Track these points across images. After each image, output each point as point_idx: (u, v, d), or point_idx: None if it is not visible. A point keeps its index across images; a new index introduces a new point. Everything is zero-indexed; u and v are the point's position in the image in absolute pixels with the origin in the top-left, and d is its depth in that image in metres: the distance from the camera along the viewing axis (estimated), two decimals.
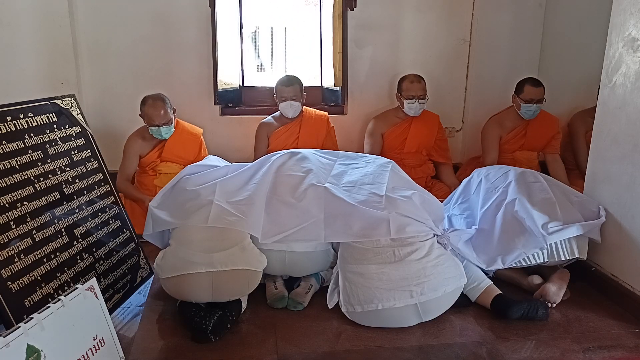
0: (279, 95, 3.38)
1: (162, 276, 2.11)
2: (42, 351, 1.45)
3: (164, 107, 3.09)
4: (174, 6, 3.53)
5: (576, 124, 3.74)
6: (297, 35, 5.09)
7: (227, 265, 2.03)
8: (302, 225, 2.17)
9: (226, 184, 2.25)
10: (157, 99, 3.10)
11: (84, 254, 2.07)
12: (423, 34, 3.83)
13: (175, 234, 2.15)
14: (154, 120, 3.08)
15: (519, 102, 3.44)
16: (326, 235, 2.15)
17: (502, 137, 3.56)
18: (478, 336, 2.05)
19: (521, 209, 2.33)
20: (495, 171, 2.64)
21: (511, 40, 3.85)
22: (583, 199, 2.48)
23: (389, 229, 2.07)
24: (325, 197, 2.20)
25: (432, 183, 3.60)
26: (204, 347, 1.94)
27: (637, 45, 2.19)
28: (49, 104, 2.15)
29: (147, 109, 3.09)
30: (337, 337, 2.04)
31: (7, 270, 1.72)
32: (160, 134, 3.12)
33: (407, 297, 2.01)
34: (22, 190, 1.88)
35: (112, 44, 3.53)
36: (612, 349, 1.98)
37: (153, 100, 3.10)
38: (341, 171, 2.41)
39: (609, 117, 2.38)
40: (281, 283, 2.33)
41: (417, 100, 3.45)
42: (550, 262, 2.31)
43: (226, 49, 3.70)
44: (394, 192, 2.22)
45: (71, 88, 3.35)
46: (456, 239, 2.23)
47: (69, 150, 2.17)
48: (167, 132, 3.15)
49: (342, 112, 3.87)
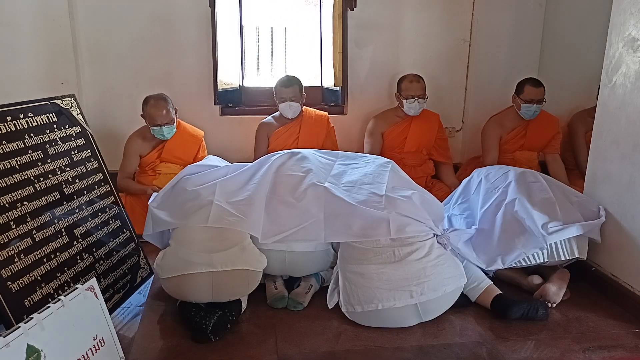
0: (278, 96, 3.38)
1: (162, 276, 2.11)
2: (42, 351, 1.45)
3: (166, 106, 3.09)
4: (174, 6, 3.53)
5: (576, 124, 3.74)
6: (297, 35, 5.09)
7: (227, 266, 2.03)
8: (302, 225, 2.17)
9: (226, 184, 2.25)
10: (159, 99, 3.10)
11: (84, 254, 2.07)
12: (423, 34, 3.83)
13: (175, 234, 2.15)
14: (156, 120, 3.08)
15: (519, 102, 3.43)
16: (326, 235, 2.15)
17: (502, 137, 3.56)
18: (478, 336, 2.05)
19: (521, 209, 2.33)
20: (495, 171, 2.64)
21: (511, 40, 3.85)
22: (583, 199, 2.48)
23: (388, 229, 2.07)
24: (325, 197, 2.20)
25: (432, 183, 3.60)
26: (204, 347, 1.94)
27: (637, 45, 2.19)
28: (49, 104, 2.15)
29: (150, 108, 3.08)
30: (337, 337, 2.04)
31: (7, 270, 1.72)
32: (163, 133, 3.12)
33: (407, 297, 2.01)
34: (22, 190, 1.88)
35: (112, 44, 3.53)
36: (612, 349, 1.98)
37: (155, 100, 3.09)
38: (341, 171, 2.41)
39: (609, 117, 2.38)
40: (281, 283, 2.33)
41: (417, 100, 3.45)
42: (550, 262, 2.31)
43: (226, 49, 3.70)
44: (394, 192, 2.22)
45: (71, 88, 3.35)
46: (456, 239, 2.23)
47: (69, 150, 2.17)
48: (169, 132, 3.14)
49: (342, 112, 3.87)
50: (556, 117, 3.60)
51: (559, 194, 2.44)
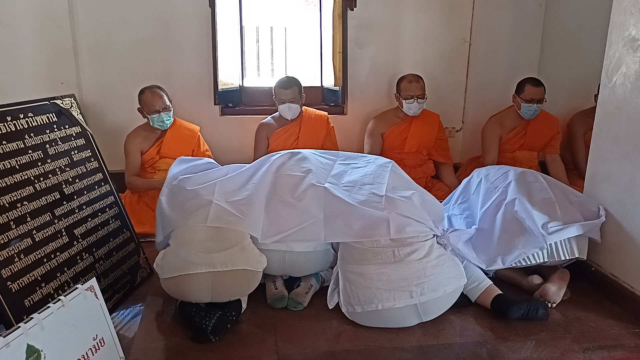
0: (277, 97, 3.38)
1: (162, 276, 2.11)
2: (42, 351, 1.45)
3: (161, 93, 3.17)
4: (174, 6, 3.53)
5: (575, 124, 3.75)
6: (297, 35, 5.08)
7: (227, 266, 2.03)
8: (301, 225, 2.17)
9: (226, 184, 2.25)
10: (154, 87, 3.19)
11: (84, 254, 2.07)
12: (423, 34, 3.83)
13: (175, 234, 2.15)
14: (155, 106, 3.12)
15: (519, 101, 3.44)
16: (326, 235, 2.15)
17: (502, 136, 3.56)
18: (478, 336, 2.05)
19: (521, 208, 2.33)
20: (495, 171, 2.64)
21: (511, 40, 3.85)
22: (583, 198, 2.48)
23: (388, 229, 2.07)
24: (325, 197, 2.20)
25: (432, 183, 3.61)
26: (204, 347, 1.94)
27: (637, 45, 2.19)
28: (49, 104, 2.15)
29: (146, 97, 3.15)
30: (337, 337, 2.04)
31: (7, 270, 1.73)
32: (162, 120, 3.15)
33: (407, 298, 2.01)
34: (22, 190, 1.88)
35: (112, 44, 3.53)
36: (612, 349, 1.98)
37: (150, 88, 3.18)
38: (341, 171, 2.41)
39: (609, 117, 2.38)
40: (281, 283, 2.33)
41: (416, 100, 3.45)
42: (550, 262, 2.31)
43: (226, 49, 3.70)
44: (394, 192, 2.22)
45: (71, 88, 3.36)
46: (456, 239, 2.23)
47: (69, 150, 2.17)
48: (168, 118, 3.19)
49: (342, 112, 3.87)
50: (556, 117, 3.61)
51: (559, 194, 2.44)
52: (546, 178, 2.56)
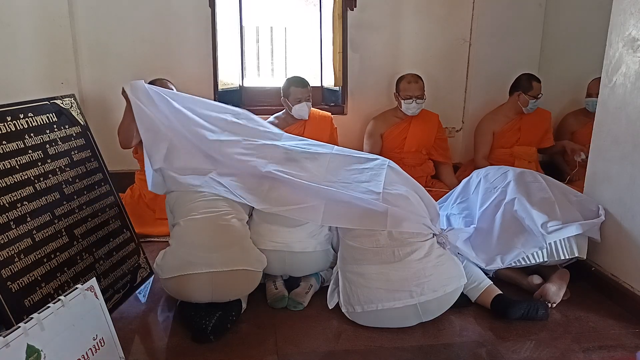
0: (293, 97, 3.33)
1: (163, 276, 2.11)
2: (42, 351, 1.45)
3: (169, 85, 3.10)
4: (174, 6, 3.53)
5: (565, 125, 3.83)
6: (297, 35, 5.08)
7: (227, 266, 2.03)
8: (300, 205, 2.19)
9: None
10: (162, 79, 3.12)
11: (84, 254, 2.07)
12: (423, 34, 3.83)
13: (176, 234, 2.15)
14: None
15: (526, 98, 3.49)
16: (323, 219, 2.17)
17: (495, 132, 3.63)
18: (478, 336, 2.05)
19: (520, 208, 2.33)
20: (495, 171, 2.64)
21: (511, 40, 3.85)
22: (582, 198, 2.48)
23: (385, 221, 2.09)
24: (325, 193, 2.21)
25: (432, 182, 3.61)
26: (204, 347, 1.94)
27: (637, 45, 2.19)
28: (49, 104, 2.15)
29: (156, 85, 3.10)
30: (337, 337, 2.04)
31: (7, 270, 1.72)
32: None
33: (407, 298, 2.01)
34: (22, 190, 1.88)
35: (112, 44, 3.52)
36: (612, 349, 1.98)
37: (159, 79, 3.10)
38: (338, 169, 2.40)
39: (609, 117, 2.38)
40: (281, 283, 2.33)
41: (415, 101, 3.45)
42: (550, 261, 2.31)
43: (226, 49, 3.70)
44: (391, 189, 2.23)
45: (71, 88, 3.35)
46: (454, 238, 2.23)
47: (69, 150, 2.17)
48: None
49: (342, 112, 3.87)
50: (548, 111, 3.68)
51: (558, 194, 2.44)
52: (545, 178, 2.56)
